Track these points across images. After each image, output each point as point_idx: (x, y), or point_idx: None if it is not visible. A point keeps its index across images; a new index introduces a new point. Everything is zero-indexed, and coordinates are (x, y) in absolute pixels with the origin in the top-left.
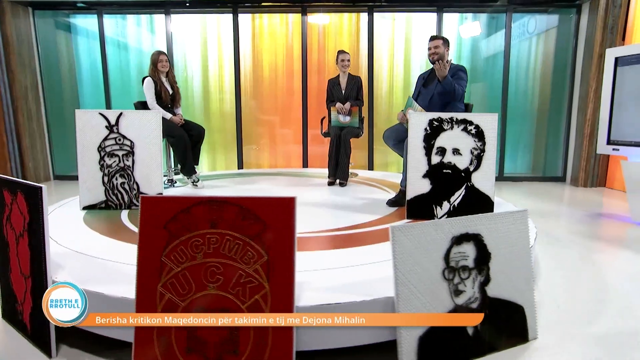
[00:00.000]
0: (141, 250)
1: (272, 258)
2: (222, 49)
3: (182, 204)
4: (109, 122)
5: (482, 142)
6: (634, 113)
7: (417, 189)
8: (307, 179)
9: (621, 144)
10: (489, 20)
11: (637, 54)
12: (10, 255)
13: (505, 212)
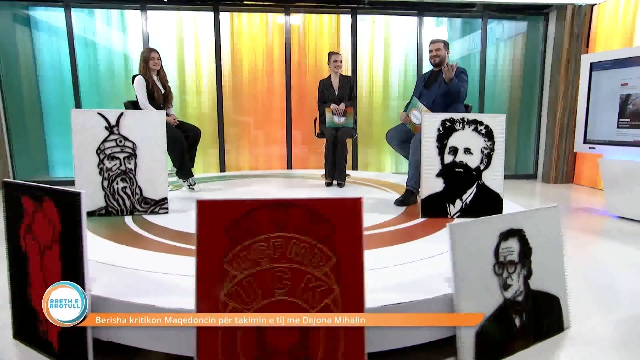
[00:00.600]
0: (200, 258)
1: (341, 260)
2: (200, 48)
3: (243, 208)
4: (108, 123)
5: (492, 142)
6: (607, 114)
7: (431, 188)
8: (301, 180)
9: (596, 142)
10: (463, 24)
11: (610, 60)
12: (31, 268)
13: (541, 208)
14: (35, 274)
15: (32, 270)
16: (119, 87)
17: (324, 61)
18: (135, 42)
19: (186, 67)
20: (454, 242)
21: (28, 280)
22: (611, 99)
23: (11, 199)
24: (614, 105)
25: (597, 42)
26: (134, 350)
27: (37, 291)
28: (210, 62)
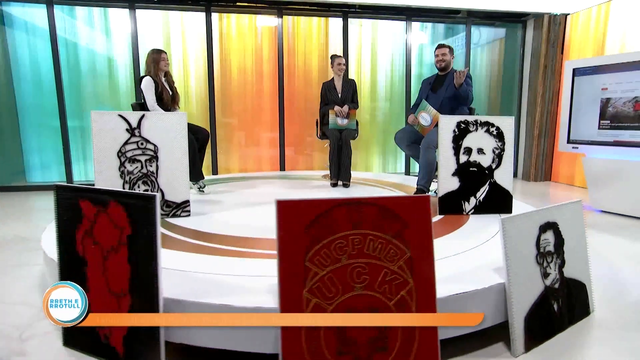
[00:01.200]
0: (282, 256)
1: (414, 254)
2: (187, 49)
3: (321, 207)
4: (129, 125)
5: (502, 142)
6: (589, 116)
7: (447, 186)
8: (305, 182)
9: (579, 142)
10: (446, 29)
11: (591, 66)
12: (89, 273)
13: (568, 203)
14: (96, 279)
15: (91, 274)
16: (102, 88)
17: (313, 64)
18: (120, 42)
19: (173, 68)
20: (505, 235)
21: (86, 285)
22: (592, 102)
23: (66, 203)
24: (595, 108)
25: (571, 48)
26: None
27: (97, 296)
28: (197, 63)
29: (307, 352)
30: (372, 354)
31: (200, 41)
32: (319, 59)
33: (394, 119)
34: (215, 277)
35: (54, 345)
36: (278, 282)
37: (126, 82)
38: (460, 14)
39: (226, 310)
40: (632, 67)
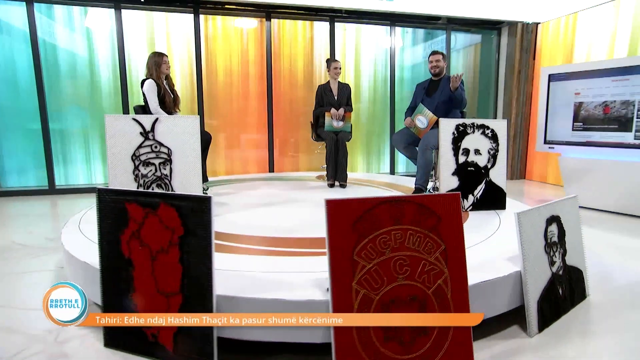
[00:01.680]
0: (332, 251)
1: (448, 246)
2: (172, 50)
3: (366, 205)
4: (143, 129)
5: (497, 144)
6: (563, 119)
7: (448, 185)
8: (302, 183)
9: (555, 143)
10: (425, 34)
11: (564, 72)
12: (136, 274)
13: (566, 198)
14: (143, 279)
15: (137, 275)
16: (82, 90)
17: (298, 66)
18: (102, 42)
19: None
20: (521, 228)
21: (132, 286)
22: (566, 106)
23: (110, 206)
24: (569, 111)
25: (542, 55)
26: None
27: (144, 296)
28: (182, 64)
29: (358, 340)
30: (415, 337)
31: (186, 42)
32: (304, 62)
33: (377, 121)
34: (257, 274)
35: (94, 346)
36: (329, 276)
37: (109, 84)
38: (440, 20)
39: (279, 304)
40: (601, 74)
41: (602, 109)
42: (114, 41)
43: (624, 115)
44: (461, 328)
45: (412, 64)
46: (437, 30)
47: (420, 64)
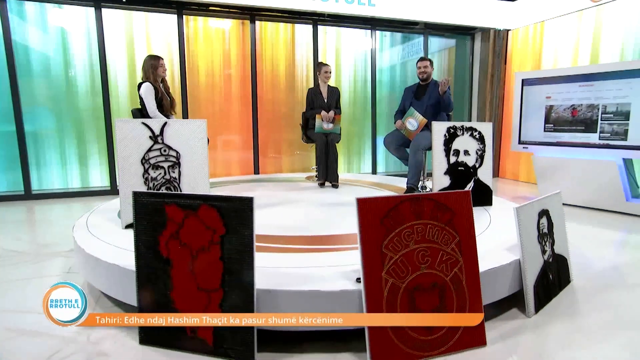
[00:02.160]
0: (364, 245)
1: (461, 238)
2: (152, 51)
3: (391, 202)
4: (153, 133)
5: (483, 145)
6: (536, 120)
7: (441, 184)
8: (294, 184)
9: (529, 143)
10: (402, 37)
11: (536, 77)
12: (174, 272)
13: (553, 194)
14: (182, 277)
15: (175, 274)
16: (57, 91)
17: (280, 69)
18: (78, 42)
19: (137, 71)
20: (520, 221)
21: (170, 284)
22: (538, 109)
23: (147, 208)
24: (541, 114)
25: (513, 60)
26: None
27: (183, 293)
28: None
29: (387, 311)
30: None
31: (166, 43)
32: (285, 64)
33: (357, 122)
34: (287, 270)
35: (129, 344)
36: (362, 267)
37: (85, 84)
38: (418, 25)
39: (317, 295)
40: (569, 79)
41: (570, 112)
42: (90, 40)
43: (590, 117)
44: (475, 310)
45: (390, 66)
46: (414, 34)
47: (396, 65)
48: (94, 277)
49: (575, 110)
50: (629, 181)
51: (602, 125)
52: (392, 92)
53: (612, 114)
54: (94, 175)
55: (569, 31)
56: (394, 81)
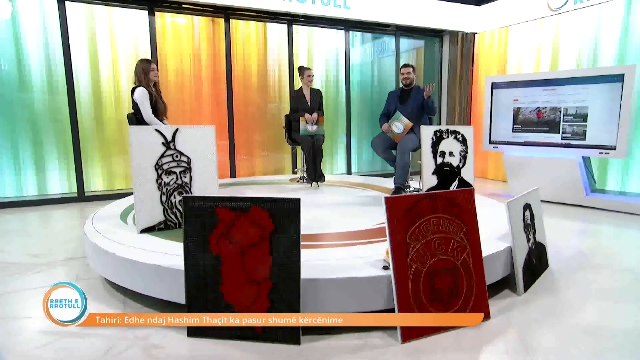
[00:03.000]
0: (392, 236)
1: (468, 228)
2: (117, 48)
3: (412, 200)
4: (165, 139)
5: (466, 146)
6: (505, 121)
7: (429, 183)
8: (281, 186)
9: (499, 143)
10: (372, 37)
11: (505, 81)
12: (224, 267)
13: (532, 190)
14: (232, 272)
15: (225, 269)
16: (6, 89)
17: (252, 68)
18: (32, 37)
19: (101, 69)
20: (510, 214)
21: (220, 279)
22: (507, 110)
23: (198, 211)
24: (509, 115)
25: (480, 62)
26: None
27: (233, 286)
28: (129, 63)
29: (413, 300)
30: (450, 298)
31: (132, 40)
32: (258, 64)
33: (329, 123)
34: (319, 262)
35: (177, 336)
36: (391, 254)
37: (42, 82)
38: (390, 27)
39: (354, 281)
40: (533, 84)
41: (535, 114)
42: (48, 36)
43: (553, 119)
44: (480, 294)
45: (360, 64)
46: (386, 35)
47: (367, 64)
48: (130, 280)
49: (540, 112)
50: (587, 177)
51: (563, 126)
52: (363, 91)
53: (572, 116)
54: (52, 181)
55: (531, 37)
56: (365, 80)
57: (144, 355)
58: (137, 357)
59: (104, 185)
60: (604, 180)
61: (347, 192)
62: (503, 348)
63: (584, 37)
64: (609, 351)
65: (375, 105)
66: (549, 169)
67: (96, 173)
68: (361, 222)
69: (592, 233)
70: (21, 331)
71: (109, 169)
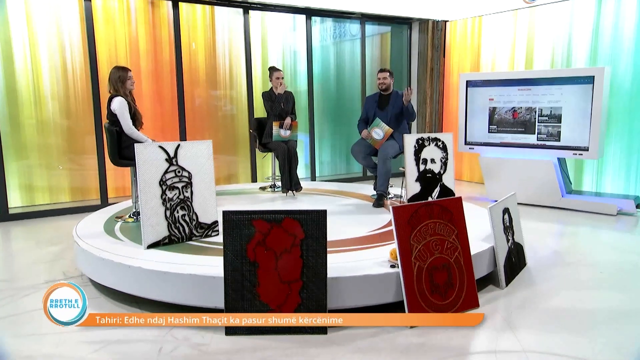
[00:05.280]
0: (399, 239)
1: (458, 230)
2: (36, 36)
3: (413, 208)
4: (168, 155)
5: (446, 153)
6: (481, 122)
7: (413, 190)
8: (254, 196)
9: (474, 144)
10: (333, 21)
11: (480, 80)
12: (260, 271)
13: (510, 196)
14: (267, 275)
15: (261, 273)
16: None
17: (199, 59)
18: None
19: (16, 61)
20: (492, 216)
21: (256, 281)
22: (482, 110)
23: (235, 224)
24: (485, 115)
25: (452, 53)
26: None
27: (267, 287)
28: (52, 53)
29: (418, 293)
30: (447, 289)
31: (56, 26)
32: (205, 54)
33: None
34: (336, 264)
35: (217, 336)
36: (399, 254)
37: None
38: (355, 14)
39: (369, 278)
40: (509, 83)
41: (511, 114)
42: None
43: (529, 119)
44: (471, 286)
45: (320, 50)
46: (349, 20)
47: (327, 48)
48: (158, 290)
49: (516, 112)
50: (563, 179)
51: (539, 127)
52: (324, 83)
53: (547, 117)
54: None
55: (505, 29)
56: (326, 70)
57: (194, 351)
58: (189, 353)
59: (22, 200)
60: (579, 181)
61: (327, 200)
62: (491, 327)
63: (557, 35)
64: (577, 326)
65: (341, 99)
66: (525, 171)
67: (13, 186)
68: (353, 231)
69: (567, 233)
70: (65, 342)
71: (28, 181)
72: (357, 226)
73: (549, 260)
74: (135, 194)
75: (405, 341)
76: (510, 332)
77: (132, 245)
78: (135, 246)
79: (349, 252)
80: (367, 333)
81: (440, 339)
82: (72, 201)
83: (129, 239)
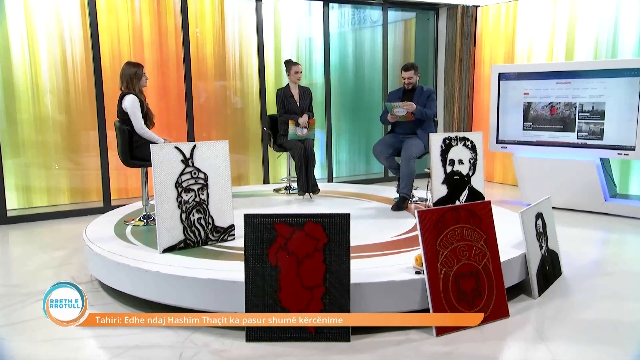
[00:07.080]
0: (425, 245)
1: (487, 236)
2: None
3: (439, 212)
4: (184, 156)
5: (475, 154)
6: (514, 118)
7: (440, 193)
8: (267, 199)
9: (507, 143)
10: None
11: (514, 72)
12: (282, 276)
13: (544, 200)
14: (289, 279)
15: (283, 278)
16: None
17: (207, 50)
18: None
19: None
20: (524, 222)
21: (278, 286)
22: (516, 106)
23: (257, 227)
24: (519, 111)
25: (483, 42)
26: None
27: (289, 292)
28: (51, 44)
29: (444, 300)
30: (474, 298)
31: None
32: (214, 45)
33: None
34: (358, 270)
35: (236, 343)
36: (424, 261)
37: None
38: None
39: (393, 284)
40: (547, 76)
41: (548, 110)
42: None
43: (568, 116)
44: (500, 294)
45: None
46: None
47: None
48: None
49: (554, 108)
50: (606, 181)
51: (579, 124)
52: (342, 75)
53: (588, 113)
54: None
55: (543, 16)
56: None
57: (215, 357)
58: (211, 359)
59: (19, 201)
60: (625, 184)
61: (346, 203)
62: (522, 337)
63: (602, 21)
64: (612, 339)
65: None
66: (564, 172)
67: (9, 186)
68: (376, 236)
69: (609, 241)
70: (84, 347)
71: (25, 182)
72: (379, 231)
73: (587, 269)
74: (145, 196)
75: (431, 350)
76: (541, 343)
77: (146, 249)
78: (150, 250)
79: (372, 258)
80: (392, 341)
81: (467, 348)
82: (72, 203)
83: (142, 242)
